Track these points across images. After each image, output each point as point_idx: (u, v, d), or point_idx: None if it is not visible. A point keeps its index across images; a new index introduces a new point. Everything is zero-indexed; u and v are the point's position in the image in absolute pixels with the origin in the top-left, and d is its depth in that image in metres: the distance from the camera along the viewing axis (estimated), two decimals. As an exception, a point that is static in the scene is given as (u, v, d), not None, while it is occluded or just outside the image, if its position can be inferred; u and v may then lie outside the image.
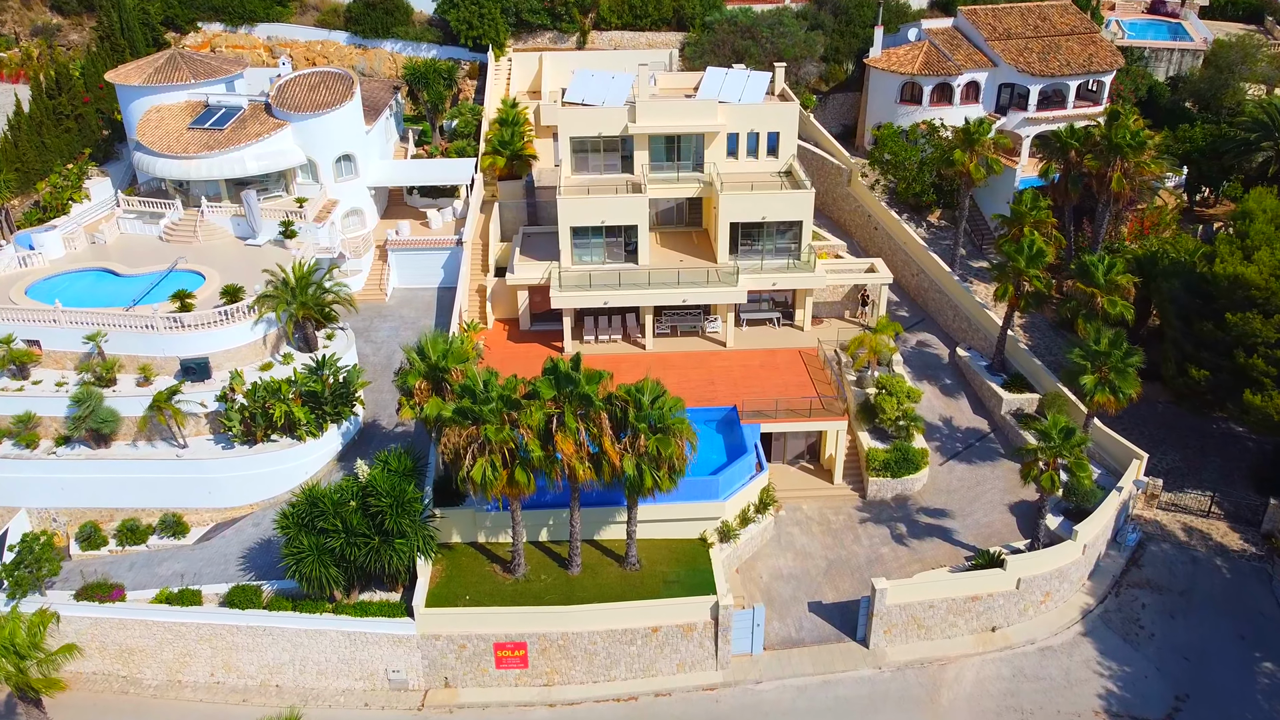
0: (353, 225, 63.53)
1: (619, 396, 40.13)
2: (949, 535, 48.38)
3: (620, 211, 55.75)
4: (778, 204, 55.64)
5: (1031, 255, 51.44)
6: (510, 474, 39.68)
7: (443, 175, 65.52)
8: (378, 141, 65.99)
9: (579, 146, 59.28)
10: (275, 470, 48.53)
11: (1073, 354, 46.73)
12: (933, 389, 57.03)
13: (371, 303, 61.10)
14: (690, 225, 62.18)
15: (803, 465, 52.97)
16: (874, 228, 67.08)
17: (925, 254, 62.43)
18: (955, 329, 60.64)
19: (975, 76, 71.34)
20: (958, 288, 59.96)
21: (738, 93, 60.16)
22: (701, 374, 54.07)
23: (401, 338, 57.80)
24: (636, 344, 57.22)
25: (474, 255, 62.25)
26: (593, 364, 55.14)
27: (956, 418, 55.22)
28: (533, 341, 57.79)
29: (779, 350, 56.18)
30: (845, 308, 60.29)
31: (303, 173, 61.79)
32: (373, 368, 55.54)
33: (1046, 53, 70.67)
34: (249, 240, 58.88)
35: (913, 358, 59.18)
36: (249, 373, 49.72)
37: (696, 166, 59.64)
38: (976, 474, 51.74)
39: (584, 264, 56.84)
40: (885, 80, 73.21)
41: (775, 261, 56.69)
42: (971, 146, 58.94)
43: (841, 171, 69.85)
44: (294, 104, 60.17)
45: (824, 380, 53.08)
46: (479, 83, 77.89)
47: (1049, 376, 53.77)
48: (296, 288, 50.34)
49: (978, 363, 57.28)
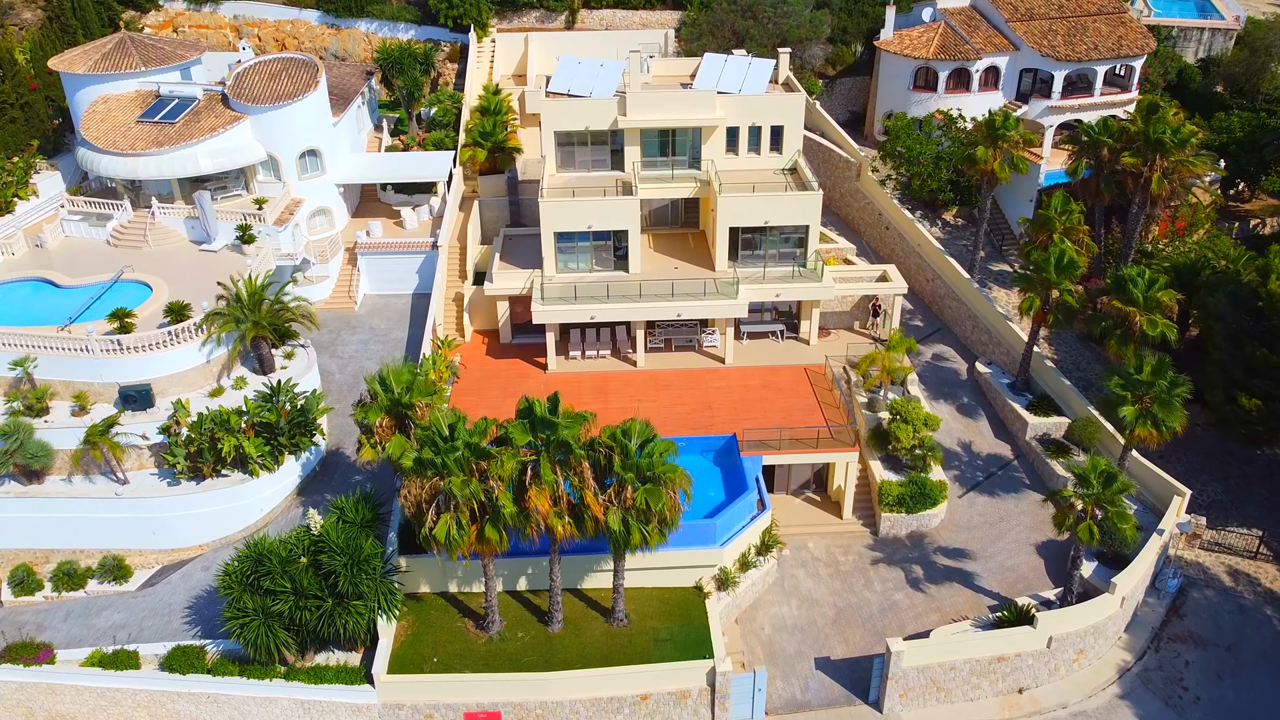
0: (320, 226, 58.48)
1: (603, 443, 35.39)
2: (970, 580, 43.84)
3: (609, 216, 50.75)
4: (782, 207, 50.67)
5: (1062, 266, 46.54)
6: (479, 531, 35.09)
7: (418, 171, 60.36)
8: (347, 134, 60.79)
9: (564, 141, 54.24)
10: (226, 508, 43.91)
11: (1110, 383, 41.90)
12: (949, 409, 52.28)
13: (340, 311, 56.19)
14: (686, 226, 57.20)
15: (808, 496, 48.37)
16: (885, 227, 62.01)
17: (941, 258, 57.41)
18: (974, 341, 55.76)
19: (995, 61, 65.92)
20: (977, 297, 54.98)
21: (738, 82, 55.02)
22: (697, 396, 49.33)
23: (371, 352, 53.06)
24: (627, 360, 52.41)
25: (451, 259, 57.25)
26: (579, 383, 51.50)
27: (976, 442, 50.51)
28: (514, 357, 53.00)
29: (782, 368, 51.38)
30: (855, 318, 55.41)
31: (264, 170, 56.64)
32: (338, 387, 50.78)
33: (1072, 35, 65.30)
34: (204, 245, 53.84)
35: (927, 373, 54.39)
36: (197, 399, 44.96)
37: (693, 163, 54.62)
38: (999, 508, 47.13)
39: (570, 271, 51.96)
40: (897, 65, 67.79)
41: (779, 269, 51.81)
42: (995, 142, 53.48)
43: (850, 166, 64.64)
44: (252, 94, 54.93)
45: (832, 403, 48.34)
46: (460, 66, 72.44)
47: (1079, 398, 49.00)
48: (249, 305, 45.46)
49: (999, 380, 52.48)
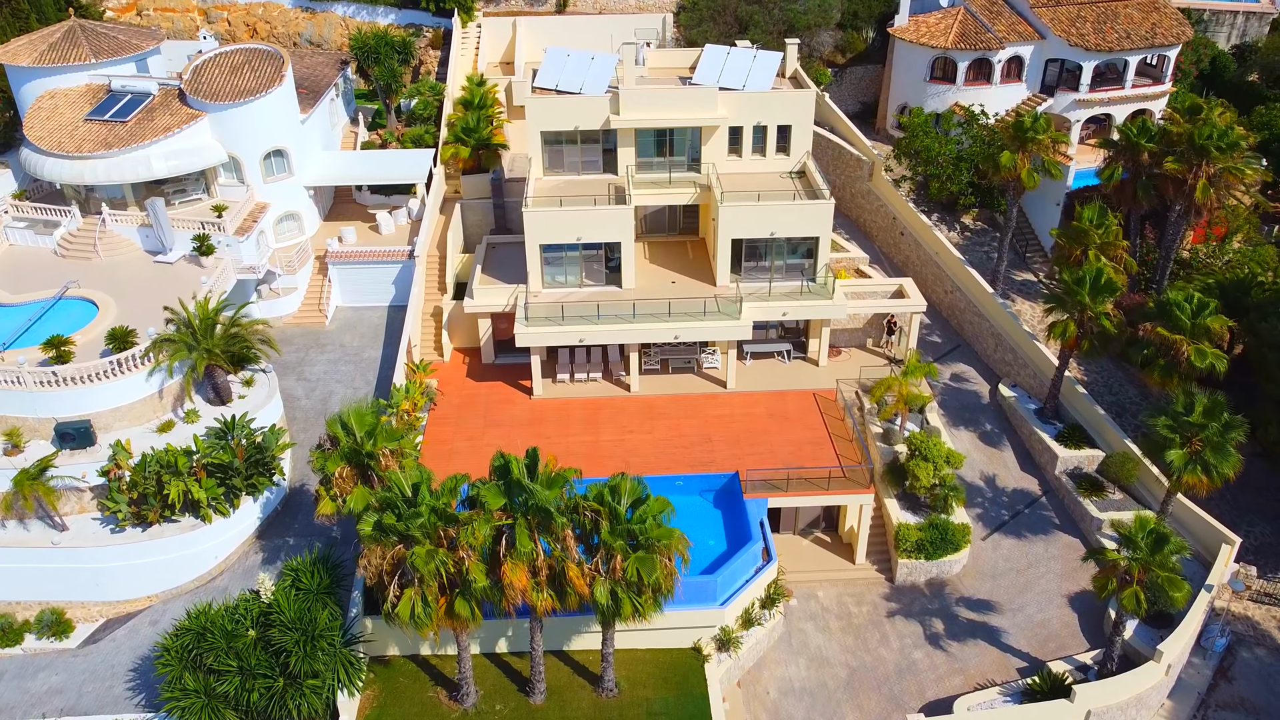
0: (288, 232, 53.94)
1: (588, 506, 31.12)
2: (996, 636, 39.78)
3: (600, 226, 46.24)
4: (790, 217, 46.16)
5: (1099, 287, 42.12)
6: (449, 604, 30.94)
7: (394, 171, 55.62)
8: (318, 130, 56.10)
9: (552, 140, 49.65)
10: (177, 556, 39.75)
11: (1157, 423, 37.65)
12: (970, 437, 48.01)
13: (309, 327, 51.75)
14: (685, 233, 52.68)
15: (817, 537, 44.24)
16: (899, 233, 57.45)
17: (961, 268, 52.88)
18: (997, 360, 51.36)
19: (1019, 51, 61.08)
20: (1001, 313, 50.49)
21: (741, 77, 50.26)
22: (696, 426, 45.05)
23: (341, 374, 48.70)
24: (620, 384, 48.06)
25: (429, 270, 52.73)
26: (567, 410, 46.83)
27: (1001, 475, 46.29)
28: (497, 379, 48.64)
29: (789, 394, 47.05)
30: (868, 335, 51.01)
31: (225, 172, 52.03)
32: (304, 414, 46.49)
33: (1102, 22, 60.47)
34: (159, 256, 49.40)
35: (946, 396, 50.05)
36: (144, 435, 40.70)
37: (692, 164, 50.06)
38: (1027, 552, 43.00)
39: (557, 285, 47.53)
40: (913, 54, 62.96)
41: (785, 284, 47.38)
42: (1023, 145, 48.74)
43: (862, 165, 59.96)
44: (211, 90, 50.24)
45: (844, 435, 44.08)
46: (443, 54, 67.53)
47: (1114, 430, 44.72)
48: (200, 331, 41.07)
49: (1025, 405, 48.18)
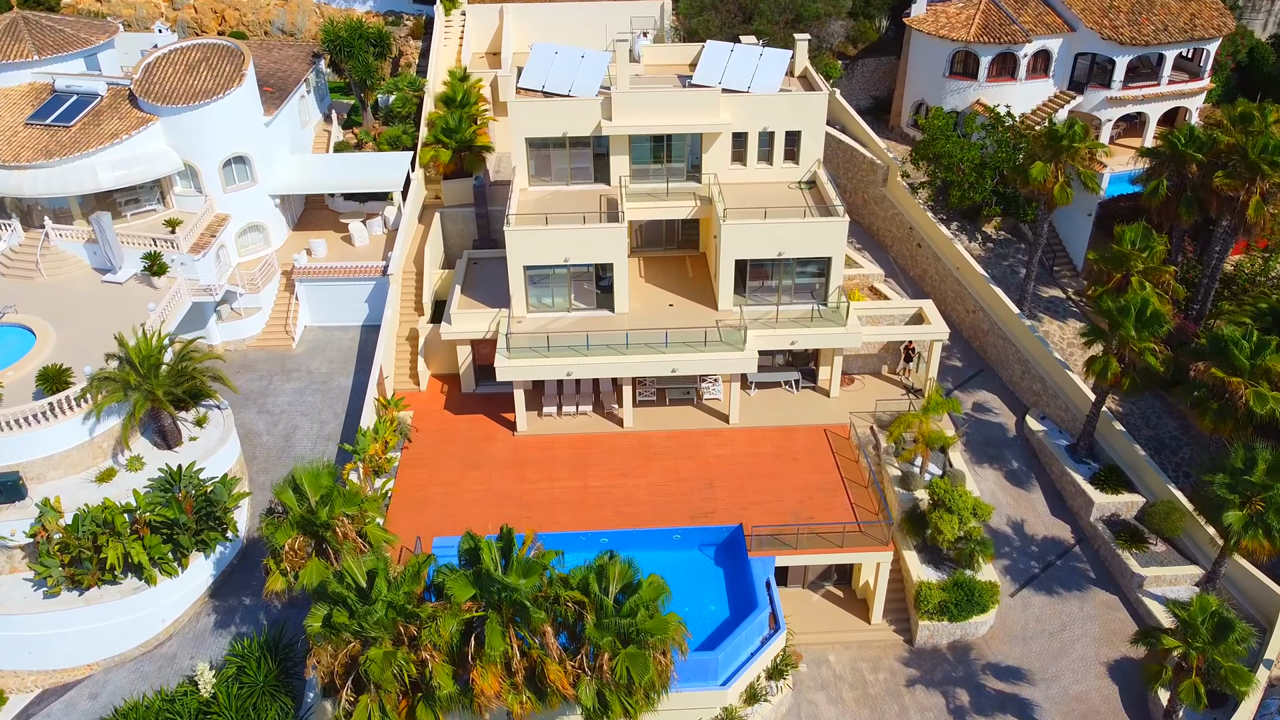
0: (252, 245, 49.56)
1: (571, 597, 27.03)
2: (1028, 711, 35.82)
3: (590, 247, 41.94)
4: (800, 236, 41.84)
5: (1144, 320, 37.84)
6: (409, 710, 26.93)
7: (368, 177, 51.04)
8: (285, 132, 51.51)
9: (539, 146, 45.23)
10: (119, 622, 35.79)
11: (1214, 479, 33.50)
12: (995, 476, 43.91)
13: (274, 350, 47.51)
14: (683, 247, 48.33)
15: (828, 591, 40.24)
16: (917, 245, 53.05)
17: (985, 287, 48.54)
18: (1024, 389, 47.11)
19: (1046, 44, 56.37)
20: (1029, 337, 46.19)
21: (746, 77, 45.68)
22: (696, 469, 40.93)
23: (307, 405, 44.51)
24: (612, 418, 43.91)
25: (405, 288, 48.38)
26: (553, 449, 42.22)
27: (1029, 521, 42.23)
28: (477, 411, 44.45)
29: (798, 430, 42.91)
30: (883, 361, 46.77)
31: (182, 181, 47.58)
32: (266, 452, 42.39)
33: (1137, 13, 55.74)
34: (108, 275, 45.12)
35: (968, 428, 45.83)
36: (81, 487, 36.61)
37: (692, 172, 45.65)
38: (1060, 611, 38.99)
39: (544, 308, 43.28)
40: (931, 47, 58.25)
41: (794, 308, 43.10)
42: (1057, 156, 44.16)
43: (876, 168, 55.44)
44: (164, 91, 45.70)
45: (859, 480, 39.98)
46: (424, 44, 62.91)
47: (1156, 473, 40.60)
48: (143, 369, 36.83)
49: (1055, 441, 44.04)
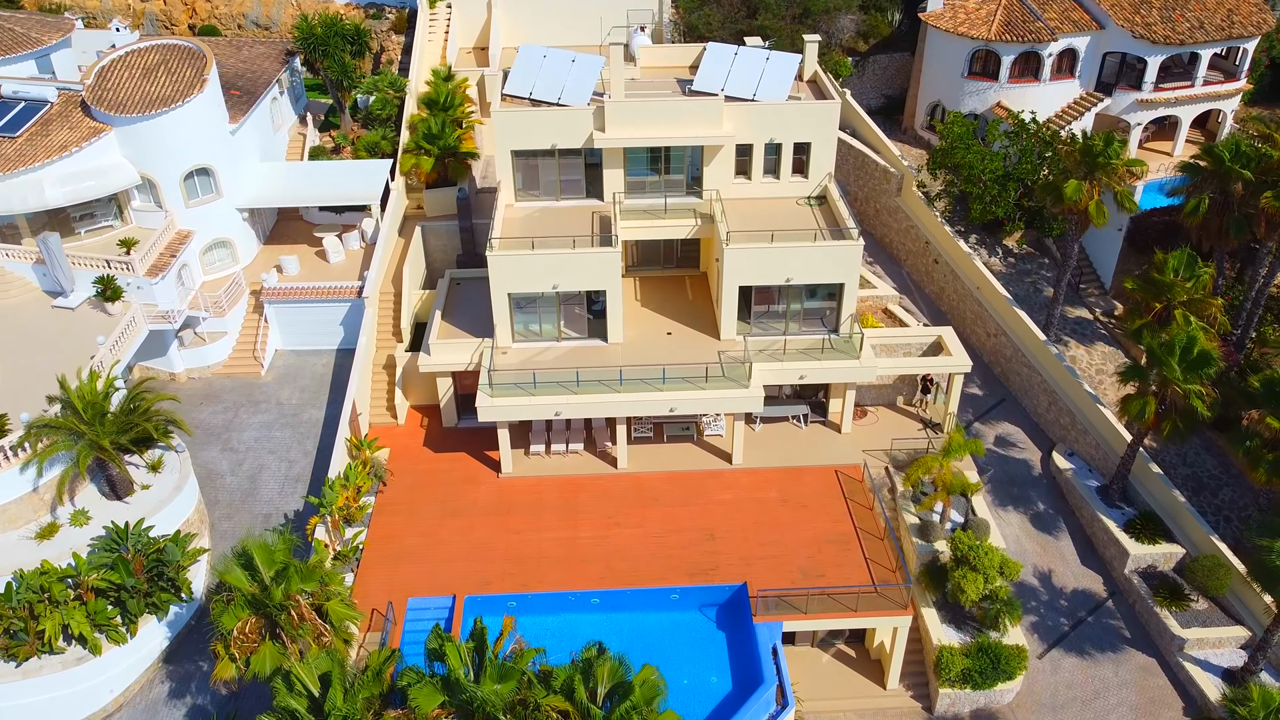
0: (218, 262, 45.98)
1: (554, 706, 23.71)
2: (1060, 793, 32.80)
3: (580, 273, 38.46)
4: (809, 261, 38.37)
5: (1190, 360, 34.36)
6: (370, 833, 23.77)
7: (342, 188, 47.25)
8: (255, 139, 47.77)
9: (526, 157, 41.67)
10: (62, 695, 32.59)
11: (1271, 546, 30.19)
12: (1020, 520, 40.59)
13: (242, 377, 44.05)
14: (682, 266, 44.85)
15: (839, 650, 37.02)
16: (933, 260, 49.47)
17: (1009, 310, 45.01)
18: (1050, 421, 43.67)
19: (1073, 43, 52.56)
20: (1057, 366, 42.71)
21: (751, 83, 42.04)
22: (696, 517, 37.57)
23: (275, 442, 41.06)
24: (605, 457, 40.55)
25: (383, 311, 44.87)
26: (540, 493, 38.33)
27: (1058, 571, 38.94)
28: (459, 449, 41.04)
29: (807, 471, 39.54)
30: (898, 392, 43.36)
31: (140, 195, 43.98)
32: (229, 496, 39.03)
33: (1171, 9, 51.95)
34: (59, 299, 41.65)
35: (990, 464, 42.43)
36: (19, 544, 33.31)
37: (692, 186, 42.19)
38: (1093, 675, 35.75)
39: (531, 336, 39.85)
40: (948, 45, 54.42)
41: (803, 338, 39.68)
42: (1092, 173, 40.48)
43: (890, 176, 51.76)
44: (118, 99, 42.01)
45: (874, 531, 36.67)
46: (407, 39, 59.02)
47: (1198, 522, 37.27)
48: (87, 415, 33.41)
49: (1085, 481, 40.70)
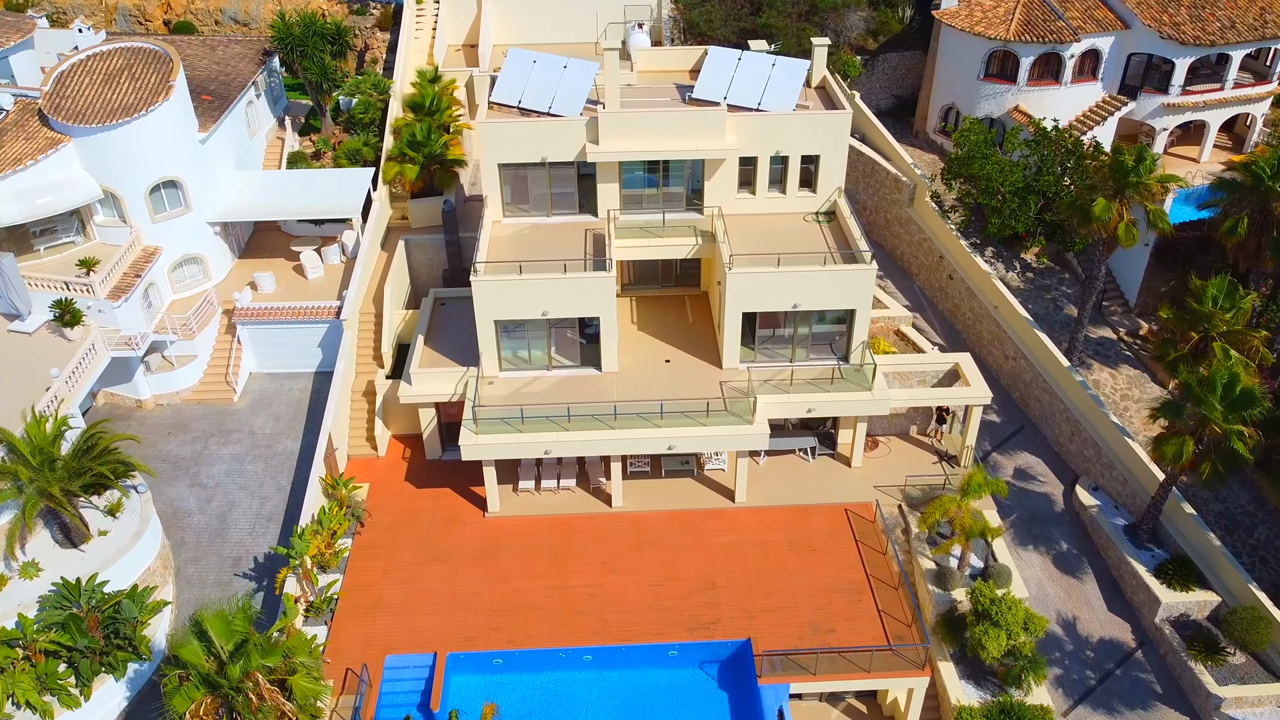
0: (189, 279, 43.26)
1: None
2: None
3: (572, 299, 35.76)
4: (819, 287, 35.67)
5: (1232, 399, 31.70)
6: None
7: (321, 200, 44.43)
8: (227, 148, 44.92)
9: (515, 171, 38.91)
10: (9, 762, 30.22)
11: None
12: (1042, 561, 37.99)
13: (213, 404, 41.41)
14: (681, 284, 42.15)
15: (850, 705, 34.53)
16: (948, 276, 46.69)
17: (1029, 332, 42.26)
18: (1073, 452, 41.01)
19: (1096, 43, 49.57)
20: (1081, 394, 39.98)
21: (756, 91, 39.14)
22: (696, 563, 34.98)
23: (246, 476, 38.43)
24: (599, 494, 37.94)
25: (363, 332, 42.17)
26: (529, 536, 35.53)
27: (1083, 618, 36.36)
28: (443, 484, 38.41)
29: (815, 510, 36.95)
30: (912, 421, 40.73)
31: (103, 209, 41.23)
32: (197, 537, 36.46)
33: (1200, 8, 48.98)
34: (14, 324, 38.97)
35: (1011, 504, 39.73)
36: (-38, 600, 30.88)
37: (692, 199, 39.48)
38: (1123, 735, 33.39)
39: (519, 362, 37.19)
40: (963, 44, 51.42)
41: (811, 366, 37.05)
42: (1122, 192, 37.64)
43: (902, 186, 48.91)
44: (77, 108, 39.19)
45: (888, 579, 34.13)
46: (392, 36, 56.09)
47: (1235, 569, 34.66)
48: (36, 462, 30.79)
49: (1111, 519, 38.11)
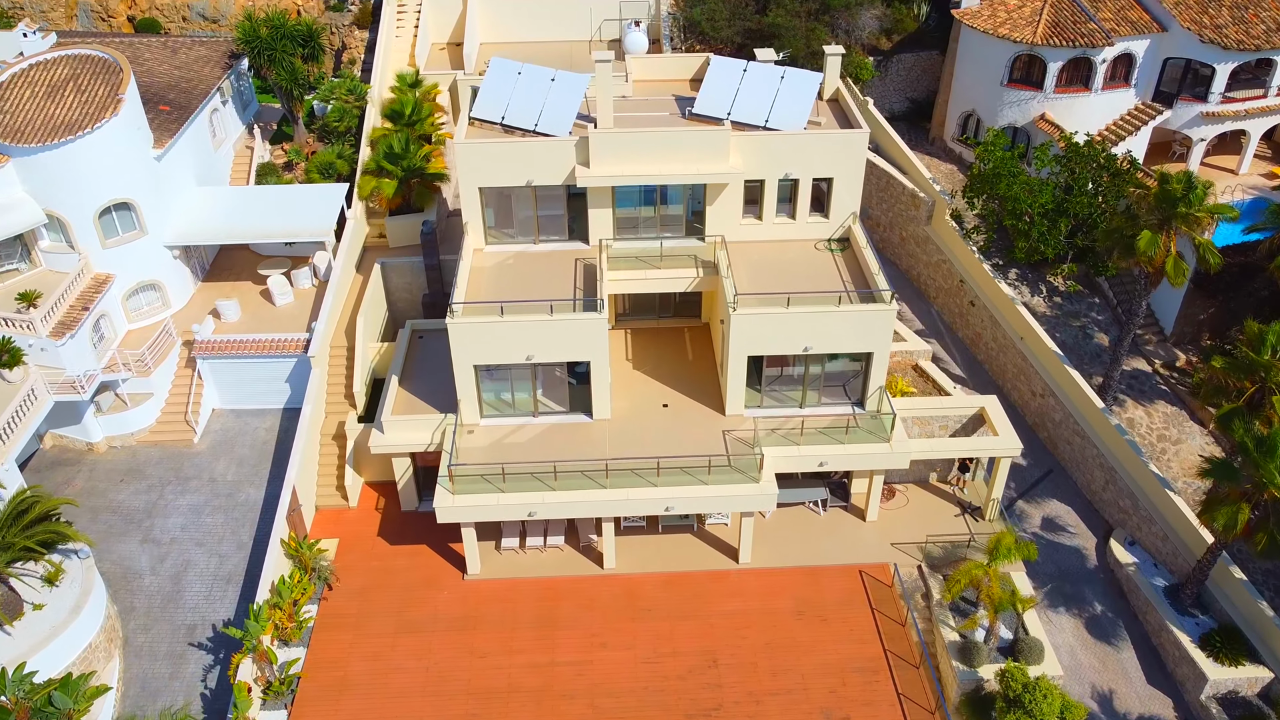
0: (146, 307, 39.80)
1: None
2: None
3: (560, 342, 32.35)
4: (832, 329, 32.27)
5: (1295, 464, 28.41)
6: None
7: (289, 222, 40.74)
8: (189, 161, 41.30)
9: (499, 193, 35.42)
10: None
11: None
12: (1073, 625, 34.69)
13: (171, 446, 38.01)
14: (680, 315, 38.75)
15: (865, 792, 31.43)
16: (970, 302, 43.22)
17: (1060, 368, 38.78)
18: (1107, 501, 37.69)
19: (1130, 47, 45.87)
20: (1117, 439, 36.56)
21: (764, 107, 35.56)
22: (695, 634, 31.69)
23: (204, 530, 35.07)
24: (590, 553, 34.64)
25: (333, 368, 38.77)
26: (513, 601, 32.17)
27: (1120, 691, 33.09)
28: (418, 540, 35.02)
29: (825, 571, 33.62)
30: (931, 468, 37.38)
31: (50, 233, 37.74)
32: (148, 601, 33.14)
33: (1243, 9, 45.27)
34: (-50, 362, 35.58)
35: (1040, 564, 36.26)
36: (-125, 690, 27.53)
37: (693, 223, 36.03)
38: (1166, 831, 30.25)
39: (501, 406, 33.84)
40: (986, 47, 47.69)
41: (823, 413, 33.71)
42: (1169, 223, 34.03)
43: (919, 202, 45.35)
44: (16, 125, 35.58)
45: (908, 655, 30.89)
46: (371, 35, 52.32)
47: (1289, 642, 31.60)
48: (-46, 534, 27.55)
49: (1151, 580, 34.81)
